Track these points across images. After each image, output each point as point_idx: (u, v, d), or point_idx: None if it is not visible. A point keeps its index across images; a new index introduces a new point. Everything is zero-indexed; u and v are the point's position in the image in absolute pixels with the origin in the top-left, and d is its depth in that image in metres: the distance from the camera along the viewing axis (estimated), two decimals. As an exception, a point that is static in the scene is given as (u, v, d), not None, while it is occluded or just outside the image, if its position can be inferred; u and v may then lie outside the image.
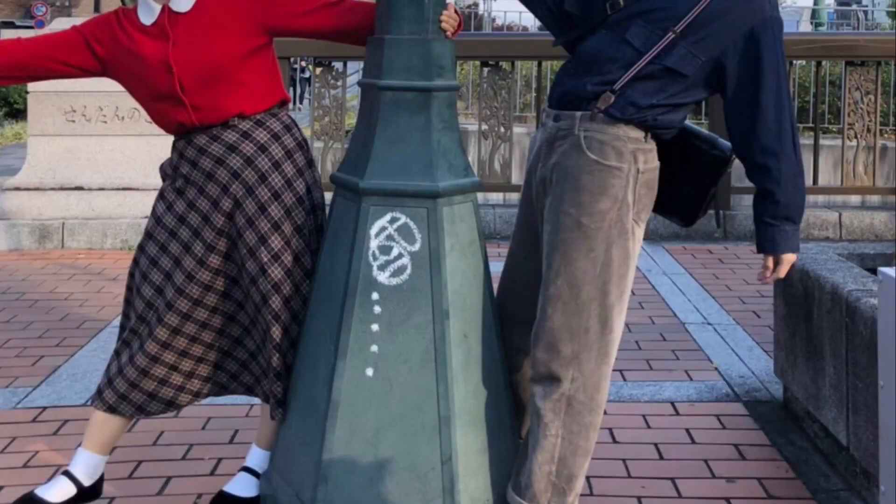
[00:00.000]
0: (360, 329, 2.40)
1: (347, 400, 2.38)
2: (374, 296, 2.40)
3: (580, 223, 2.29)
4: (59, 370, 3.98)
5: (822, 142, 7.20)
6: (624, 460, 3.13)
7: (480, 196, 2.61)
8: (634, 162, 2.32)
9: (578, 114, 2.34)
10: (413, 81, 2.44)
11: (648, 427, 3.42)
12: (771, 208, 2.35)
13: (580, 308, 2.30)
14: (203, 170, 2.57)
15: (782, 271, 2.40)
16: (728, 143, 2.43)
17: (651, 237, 6.32)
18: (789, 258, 2.39)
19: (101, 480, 2.70)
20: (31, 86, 6.45)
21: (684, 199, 2.48)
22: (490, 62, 6.93)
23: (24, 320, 4.71)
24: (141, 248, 2.64)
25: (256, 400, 2.76)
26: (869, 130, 6.86)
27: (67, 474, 2.65)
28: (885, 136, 8.90)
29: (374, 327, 2.40)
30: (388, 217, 2.42)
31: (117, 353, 2.66)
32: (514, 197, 6.88)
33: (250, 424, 3.25)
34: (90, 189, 6.42)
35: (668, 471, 3.07)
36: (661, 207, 2.45)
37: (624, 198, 2.31)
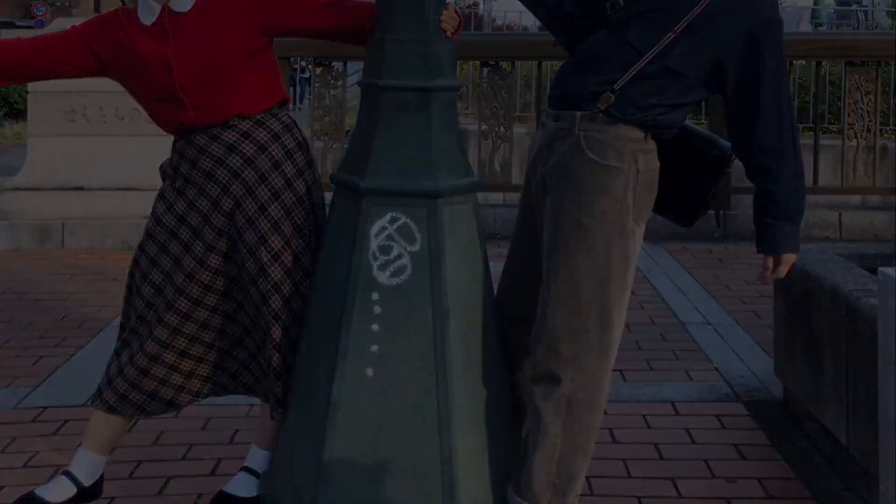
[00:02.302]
0: (360, 329, 2.40)
1: (347, 400, 2.38)
2: (374, 296, 2.40)
3: (580, 223, 2.29)
4: (59, 370, 3.98)
5: (822, 142, 7.19)
6: (624, 460, 3.13)
7: (480, 196, 2.60)
8: (635, 162, 2.32)
9: (578, 114, 2.33)
10: (413, 81, 2.43)
11: (648, 427, 3.42)
12: (771, 208, 2.35)
13: (580, 308, 2.30)
14: (203, 170, 2.57)
15: (782, 271, 2.40)
16: (728, 143, 2.43)
17: (651, 237, 6.30)
18: (789, 258, 2.39)
19: (101, 480, 2.71)
20: (31, 86, 6.44)
21: (684, 199, 2.47)
22: (490, 62, 6.92)
23: (24, 320, 4.71)
24: (141, 248, 2.64)
25: (256, 400, 2.76)
26: (869, 130, 6.85)
27: (67, 474, 2.66)
28: (885, 136, 8.88)
29: (374, 327, 2.39)
30: (388, 217, 2.42)
31: (117, 353, 2.66)
32: (514, 197, 6.83)
33: (250, 424, 3.25)
34: (90, 189, 6.40)
35: (668, 471, 3.07)
36: (661, 207, 2.45)
37: (624, 198, 2.31)
